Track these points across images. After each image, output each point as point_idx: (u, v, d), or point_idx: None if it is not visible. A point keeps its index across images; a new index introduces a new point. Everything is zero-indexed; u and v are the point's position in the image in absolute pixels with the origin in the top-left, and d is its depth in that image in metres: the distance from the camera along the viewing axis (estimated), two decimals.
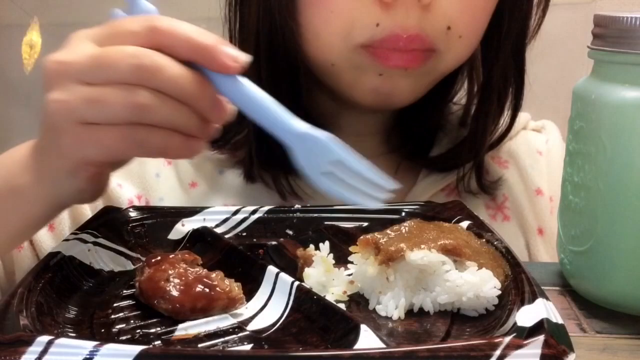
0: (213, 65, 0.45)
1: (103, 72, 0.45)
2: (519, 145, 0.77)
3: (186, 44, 0.45)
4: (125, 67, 0.44)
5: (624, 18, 0.48)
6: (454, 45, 0.63)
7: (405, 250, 0.45)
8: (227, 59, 0.45)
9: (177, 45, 0.45)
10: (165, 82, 0.44)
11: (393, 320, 0.45)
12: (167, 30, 0.45)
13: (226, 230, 0.58)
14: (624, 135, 0.47)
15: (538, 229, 0.73)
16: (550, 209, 0.74)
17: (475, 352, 0.35)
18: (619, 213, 0.48)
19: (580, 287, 0.52)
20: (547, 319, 0.38)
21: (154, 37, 0.45)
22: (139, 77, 0.44)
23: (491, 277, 0.45)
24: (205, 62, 0.45)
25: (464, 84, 0.74)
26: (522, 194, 0.74)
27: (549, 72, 0.87)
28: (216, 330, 0.43)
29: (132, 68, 0.44)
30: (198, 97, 0.45)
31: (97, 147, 0.46)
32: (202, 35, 0.45)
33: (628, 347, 0.45)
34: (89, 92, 0.45)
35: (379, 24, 0.60)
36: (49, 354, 0.36)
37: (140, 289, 0.46)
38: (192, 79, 0.45)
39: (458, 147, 0.72)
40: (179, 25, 0.45)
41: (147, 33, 0.45)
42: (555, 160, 0.75)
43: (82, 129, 0.46)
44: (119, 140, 0.46)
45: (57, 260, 0.48)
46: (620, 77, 0.48)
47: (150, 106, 0.44)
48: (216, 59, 0.45)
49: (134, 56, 0.44)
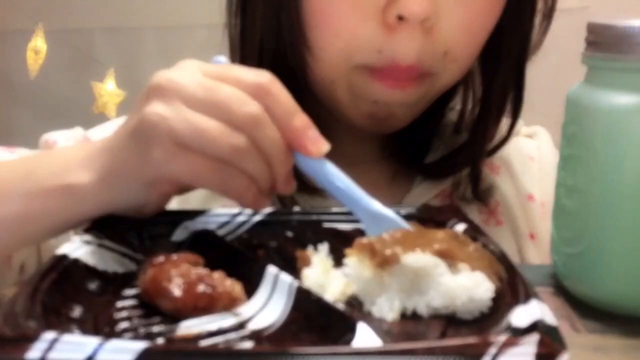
0: (295, 146, 0.49)
1: (213, 105, 0.47)
2: (511, 151, 0.77)
3: (282, 117, 0.48)
4: (236, 109, 0.47)
5: (617, 25, 0.48)
6: (449, 68, 0.64)
7: (400, 254, 0.46)
8: (309, 145, 0.49)
9: (276, 112, 0.48)
10: (265, 139, 0.48)
11: (388, 322, 0.45)
12: (274, 96, 0.48)
13: (227, 232, 0.58)
14: (617, 140, 0.48)
15: (530, 234, 0.74)
16: (542, 214, 0.74)
17: (470, 350, 0.36)
18: (611, 216, 0.49)
19: (573, 288, 0.53)
20: (541, 319, 0.39)
21: (259, 94, 0.47)
22: (244, 123, 0.47)
23: (485, 280, 0.46)
24: (289, 140, 0.49)
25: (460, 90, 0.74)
26: (514, 199, 0.75)
27: (542, 78, 0.88)
28: (218, 329, 0.44)
29: (242, 113, 0.47)
30: (281, 163, 0.49)
31: (186, 169, 0.48)
32: (296, 113, 0.49)
33: (621, 346, 0.46)
34: (196, 118, 0.47)
35: (381, 51, 0.61)
36: (54, 350, 0.37)
37: (144, 289, 0.47)
38: (284, 146, 0.49)
39: (454, 154, 0.73)
40: (285, 94, 0.48)
41: (256, 88, 0.48)
42: (547, 166, 0.76)
43: (177, 148, 0.47)
44: (208, 171, 0.48)
45: (63, 262, 0.49)
46: (614, 83, 0.49)
47: (247, 154, 0.48)
48: (300, 142, 0.49)
49: (245, 102, 0.47)
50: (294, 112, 0.49)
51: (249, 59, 0.68)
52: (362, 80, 0.63)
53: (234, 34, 0.70)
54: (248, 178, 0.49)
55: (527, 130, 0.81)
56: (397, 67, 0.61)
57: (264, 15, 0.65)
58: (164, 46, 1.73)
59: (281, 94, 0.48)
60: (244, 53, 0.70)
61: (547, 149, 0.78)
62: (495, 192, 0.74)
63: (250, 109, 0.47)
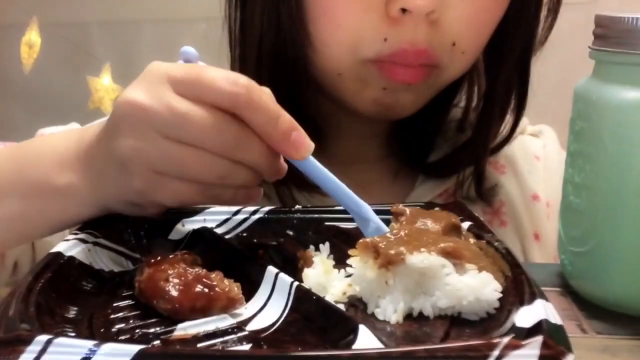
0: (279, 150, 0.48)
1: (186, 133, 0.45)
2: (516, 150, 0.77)
3: (263, 127, 0.46)
4: (213, 139, 0.45)
5: (625, 18, 0.48)
6: (456, 60, 0.63)
7: (405, 254, 0.45)
8: (293, 152, 0.47)
9: (255, 123, 0.46)
10: (247, 158, 0.47)
11: (392, 324, 0.44)
12: (252, 105, 0.46)
13: (226, 230, 0.57)
14: (625, 136, 0.47)
15: (534, 234, 0.73)
16: (547, 214, 0.74)
17: (473, 352, 0.35)
18: (620, 214, 0.48)
19: (580, 287, 0.52)
20: (545, 319, 0.38)
21: (237, 106, 0.45)
22: (224, 150, 0.46)
23: (492, 280, 0.45)
24: (273, 145, 0.47)
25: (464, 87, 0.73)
26: (518, 199, 0.74)
27: (549, 73, 0.87)
28: (215, 331, 0.43)
29: (220, 142, 0.46)
30: (267, 169, 0.49)
31: (169, 196, 0.48)
32: (278, 117, 0.47)
33: (628, 347, 0.45)
34: (170, 148, 0.46)
35: (387, 39, 0.60)
36: (47, 353, 0.36)
37: (140, 289, 0.46)
38: (267, 155, 0.48)
39: (457, 152, 0.72)
40: (264, 99, 0.46)
41: (232, 101, 0.45)
42: (553, 166, 0.76)
43: (157, 178, 0.47)
44: (192, 195, 0.48)
45: (57, 260, 0.48)
46: (622, 78, 0.48)
47: (228, 177, 0.47)
48: (284, 150, 0.48)
49: (221, 130, 0.45)
50: (275, 116, 0.47)
51: (249, 52, 0.67)
52: (370, 73, 0.62)
53: (233, 27, 0.69)
54: (235, 188, 0.49)
55: (533, 129, 0.80)
56: (405, 51, 0.60)
57: (264, 8, 0.64)
58: (161, 40, 1.71)
59: (260, 101, 0.46)
60: (244, 47, 0.69)
61: (553, 147, 0.78)
62: (499, 191, 0.73)
63: (226, 137, 0.46)
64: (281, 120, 0.47)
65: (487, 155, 0.71)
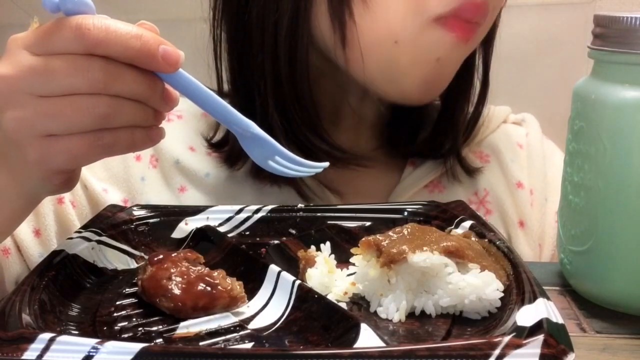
0: (152, 68, 0.46)
1: (53, 84, 0.45)
2: (499, 138, 0.78)
3: (122, 52, 0.45)
4: (81, 79, 0.45)
5: (624, 18, 0.48)
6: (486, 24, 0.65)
7: (407, 253, 0.45)
8: (163, 64, 0.46)
9: (114, 54, 0.45)
10: (123, 88, 0.46)
11: (394, 322, 0.45)
12: (104, 41, 0.45)
13: (229, 229, 0.58)
14: (624, 135, 0.47)
15: (519, 222, 0.74)
16: (531, 201, 0.74)
17: (474, 351, 0.35)
18: (619, 213, 0.48)
19: (580, 287, 0.52)
20: (547, 318, 0.38)
21: (92, 49, 0.45)
22: (96, 87, 0.45)
23: (494, 280, 0.45)
24: (144, 66, 0.46)
25: None
26: (503, 187, 0.75)
27: (548, 72, 0.87)
28: (217, 329, 0.43)
29: (87, 80, 0.45)
30: (151, 95, 0.47)
31: (65, 157, 0.47)
32: (137, 39, 0.45)
33: (628, 347, 0.45)
34: (46, 105, 0.45)
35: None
36: (50, 351, 0.36)
37: (143, 287, 0.46)
38: (142, 80, 0.46)
39: (437, 127, 0.74)
40: (112, 28, 0.45)
41: (84, 46, 0.45)
42: (535, 153, 0.77)
43: (47, 142, 0.46)
44: (86, 148, 0.46)
45: (61, 258, 0.48)
46: (620, 77, 0.48)
47: (111, 114, 0.46)
48: (153, 63, 0.46)
49: (84, 69, 0.45)
50: (134, 37, 0.45)
51: (249, 46, 0.67)
52: (434, 35, 0.62)
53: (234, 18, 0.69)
54: (129, 128, 0.48)
55: (515, 117, 0.81)
56: (472, 4, 0.61)
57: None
58: None
59: (109, 32, 0.45)
60: (245, 37, 0.68)
61: (536, 135, 0.79)
62: (483, 177, 0.75)
63: (92, 74, 0.45)
64: (142, 37, 0.46)
65: (464, 125, 0.73)
